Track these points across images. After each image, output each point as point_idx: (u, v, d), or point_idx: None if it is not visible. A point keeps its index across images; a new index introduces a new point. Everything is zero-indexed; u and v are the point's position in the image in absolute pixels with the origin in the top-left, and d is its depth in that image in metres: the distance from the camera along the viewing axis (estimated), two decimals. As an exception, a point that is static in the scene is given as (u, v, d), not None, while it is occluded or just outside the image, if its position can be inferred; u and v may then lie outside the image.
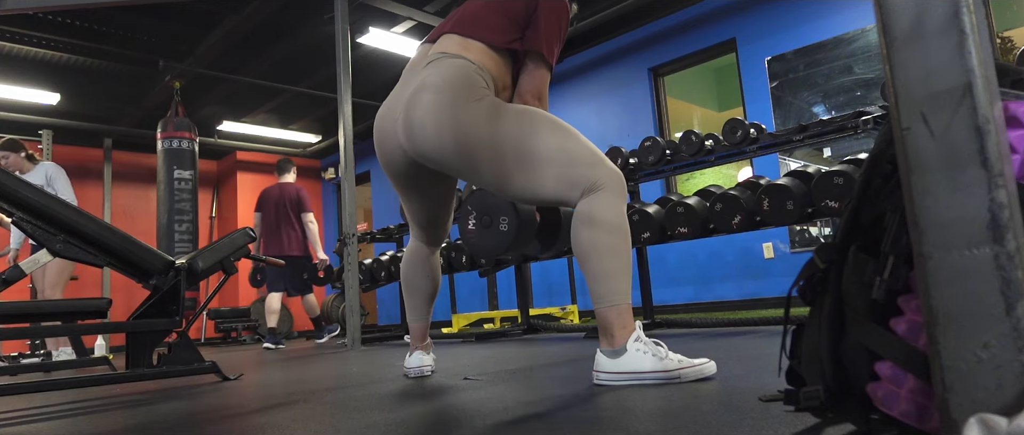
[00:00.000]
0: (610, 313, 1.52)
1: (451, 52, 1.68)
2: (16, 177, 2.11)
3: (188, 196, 6.88)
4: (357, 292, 4.62)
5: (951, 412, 0.58)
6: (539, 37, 1.71)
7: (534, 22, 1.72)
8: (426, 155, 1.63)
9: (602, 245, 1.53)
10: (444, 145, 1.57)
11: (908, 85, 0.62)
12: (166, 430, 1.36)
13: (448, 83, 1.60)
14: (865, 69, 4.93)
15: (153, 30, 6.05)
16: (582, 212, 1.55)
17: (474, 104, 1.58)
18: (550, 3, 1.73)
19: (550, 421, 1.12)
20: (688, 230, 3.12)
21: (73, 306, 2.53)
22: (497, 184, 1.61)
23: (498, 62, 1.71)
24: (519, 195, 1.61)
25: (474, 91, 1.60)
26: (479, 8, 1.76)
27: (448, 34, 1.74)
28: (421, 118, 1.59)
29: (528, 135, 1.56)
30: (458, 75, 1.61)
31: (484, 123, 1.56)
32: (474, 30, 1.71)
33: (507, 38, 1.71)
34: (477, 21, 1.73)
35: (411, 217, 1.94)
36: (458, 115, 1.56)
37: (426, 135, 1.59)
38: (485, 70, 1.66)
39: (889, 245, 0.74)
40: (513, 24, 1.72)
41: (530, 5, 1.73)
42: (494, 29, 1.70)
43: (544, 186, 1.56)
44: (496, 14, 1.72)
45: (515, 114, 1.60)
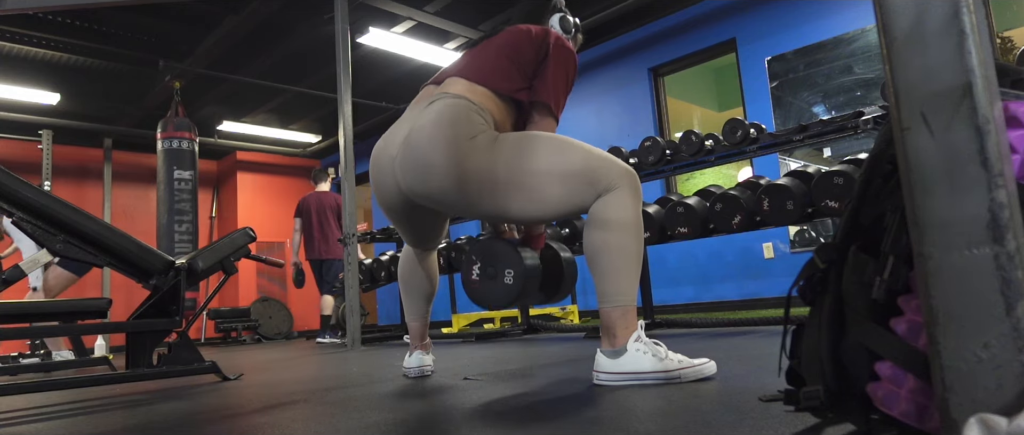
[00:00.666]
0: (614, 313, 1.52)
1: (453, 92, 1.67)
2: (16, 177, 2.11)
3: (188, 196, 6.88)
4: (357, 292, 4.62)
5: (951, 412, 0.58)
6: (547, 88, 1.70)
7: (542, 72, 1.71)
8: (423, 195, 1.62)
9: (612, 244, 1.52)
10: (444, 187, 1.56)
11: (908, 85, 0.62)
12: (166, 430, 1.36)
13: (445, 124, 1.57)
14: (865, 69, 4.93)
15: (153, 30, 6.04)
16: (595, 214, 1.54)
17: (471, 141, 1.55)
18: (560, 54, 1.72)
19: (550, 421, 1.12)
20: (688, 230, 3.12)
21: (73, 306, 2.53)
22: (500, 213, 1.59)
23: (501, 107, 1.69)
24: (525, 217, 1.59)
25: (471, 128, 1.57)
26: (489, 54, 1.75)
27: (454, 78, 1.73)
28: (418, 163, 1.57)
29: (529, 156, 1.55)
30: (455, 114, 1.59)
31: (482, 157, 1.54)
32: (480, 75, 1.70)
33: (514, 86, 1.69)
34: (485, 67, 1.71)
35: (404, 238, 1.95)
36: (455, 156, 1.54)
37: (424, 177, 1.57)
38: (486, 111, 1.64)
39: (889, 245, 0.74)
40: (521, 73, 1.71)
41: (539, 55, 1.72)
42: (501, 76, 1.69)
43: (552, 202, 1.54)
44: (505, 61, 1.71)
45: (513, 140, 1.58)
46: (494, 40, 1.80)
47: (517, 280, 1.72)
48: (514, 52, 1.72)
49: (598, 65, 6.73)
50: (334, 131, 8.37)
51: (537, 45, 1.73)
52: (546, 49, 1.73)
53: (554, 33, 1.78)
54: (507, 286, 1.73)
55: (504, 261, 1.76)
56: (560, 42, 1.75)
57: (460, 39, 6.44)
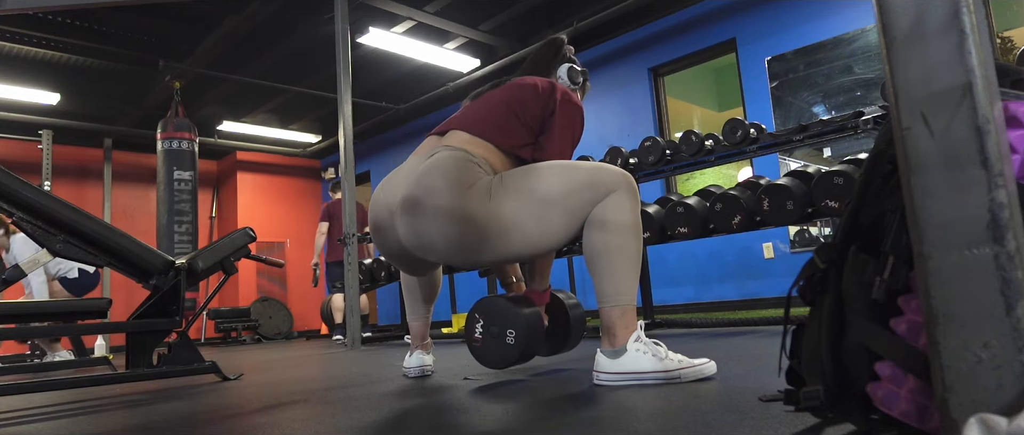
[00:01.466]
0: (614, 313, 1.52)
1: (453, 145, 1.64)
2: (16, 177, 2.11)
3: (188, 196, 6.88)
4: (357, 292, 4.62)
5: (951, 412, 0.58)
6: (553, 146, 1.68)
7: (549, 129, 1.69)
8: (430, 252, 1.59)
9: (611, 246, 1.52)
10: (447, 239, 1.52)
11: (908, 85, 0.62)
12: (166, 430, 1.36)
13: (442, 176, 1.54)
14: (865, 69, 4.93)
15: (153, 30, 6.05)
16: (594, 217, 1.54)
17: (470, 190, 1.52)
18: (566, 109, 1.71)
19: (550, 421, 1.12)
20: (688, 230, 3.12)
21: (73, 306, 2.53)
22: (506, 255, 1.57)
23: (503, 161, 1.67)
24: (532, 252, 1.57)
25: (469, 177, 1.54)
26: (494, 107, 1.72)
27: (456, 130, 1.71)
28: (420, 218, 1.54)
29: (534, 183, 1.53)
30: (453, 166, 1.56)
31: (482, 202, 1.51)
32: (483, 130, 1.67)
33: (517, 142, 1.68)
34: (488, 121, 1.69)
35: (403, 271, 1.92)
36: (455, 205, 1.50)
37: (428, 236, 1.54)
38: (486, 163, 1.62)
39: (889, 245, 0.74)
40: (526, 129, 1.69)
41: (546, 111, 1.70)
42: (504, 132, 1.67)
43: (556, 228, 1.53)
44: (509, 116, 1.69)
45: (509, 179, 1.56)
46: (499, 93, 1.77)
47: (519, 339, 1.73)
48: (520, 108, 1.70)
49: (598, 65, 6.73)
50: (334, 131, 8.37)
51: (543, 101, 1.70)
52: (553, 106, 1.70)
53: (561, 88, 1.74)
54: (509, 346, 1.74)
55: (507, 320, 1.75)
56: (566, 98, 1.72)
57: (460, 39, 6.44)
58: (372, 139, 9.19)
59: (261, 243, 9.14)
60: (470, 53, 6.70)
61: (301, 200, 10.06)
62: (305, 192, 10.15)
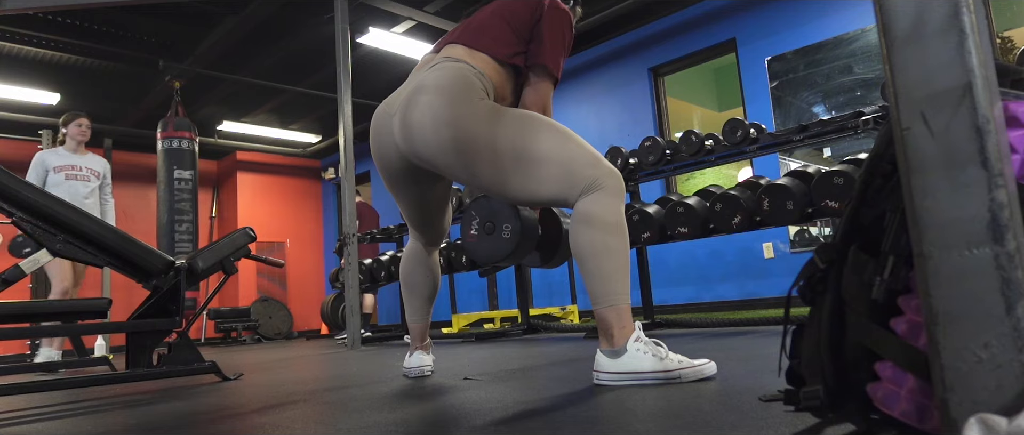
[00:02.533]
0: (609, 313, 1.52)
1: (453, 57, 1.69)
2: (16, 177, 2.11)
3: (188, 196, 6.88)
4: (357, 292, 4.62)
5: (951, 412, 0.58)
6: (543, 50, 1.71)
7: (538, 35, 1.72)
8: (422, 156, 1.62)
9: (600, 246, 1.53)
10: (441, 145, 1.57)
11: (908, 85, 0.62)
12: (166, 430, 1.36)
13: (447, 84, 1.59)
14: (865, 69, 4.93)
15: (153, 30, 6.04)
16: (580, 212, 1.55)
17: (472, 105, 1.57)
18: (554, 15, 1.73)
19: (550, 421, 1.12)
20: (688, 230, 3.12)
21: (73, 306, 2.53)
22: (494, 186, 1.60)
23: (501, 73, 1.71)
24: (517, 196, 1.60)
25: (473, 93, 1.60)
26: (485, 18, 1.77)
27: (453, 44, 1.75)
28: (419, 119, 1.59)
29: (527, 136, 1.56)
30: (457, 77, 1.61)
31: (483, 124, 1.56)
32: (479, 41, 1.71)
33: (511, 51, 1.71)
34: (483, 31, 1.73)
35: (407, 218, 1.94)
36: (456, 115, 1.56)
37: (424, 136, 1.58)
38: (486, 77, 1.67)
39: (889, 245, 0.74)
40: (517, 36, 1.72)
41: (534, 16, 1.73)
42: (498, 41, 1.71)
43: (542, 186, 1.56)
44: (501, 25, 1.73)
45: (513, 117, 1.60)
46: (490, 5, 1.82)
47: (514, 234, 1.73)
48: (510, 15, 1.74)
49: (598, 65, 6.73)
50: (334, 131, 8.37)
51: (532, 7, 1.74)
52: (540, 11, 1.74)
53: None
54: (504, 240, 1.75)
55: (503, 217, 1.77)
56: (554, 4, 1.76)
57: (460, 39, 6.43)
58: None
59: (261, 243, 9.14)
60: (470, 53, 6.70)
61: (301, 200, 10.06)
62: (305, 192, 10.15)
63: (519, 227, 1.74)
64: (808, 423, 0.89)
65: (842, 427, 0.84)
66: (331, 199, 10.12)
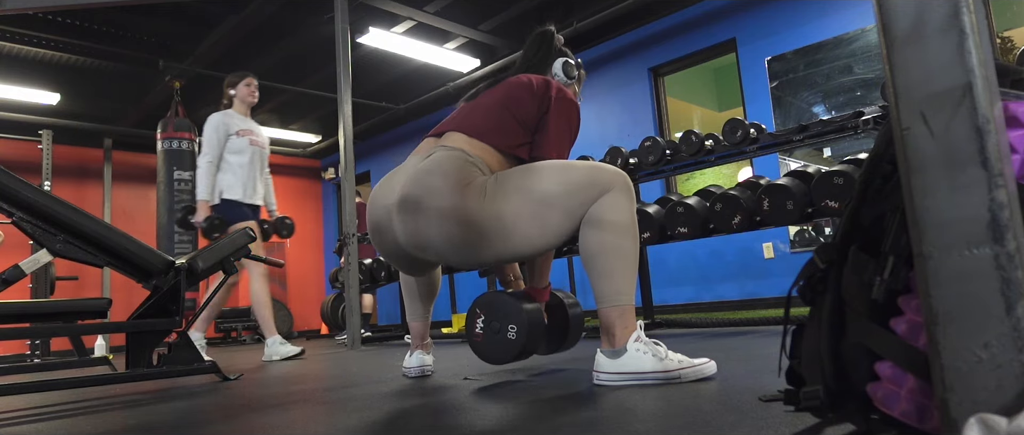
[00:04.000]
0: (612, 313, 1.52)
1: (450, 146, 1.65)
2: (16, 177, 2.11)
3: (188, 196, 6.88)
4: (357, 292, 4.62)
5: (951, 412, 0.58)
6: (549, 143, 1.69)
7: (544, 127, 1.70)
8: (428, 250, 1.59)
9: (607, 245, 1.53)
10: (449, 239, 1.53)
11: (908, 85, 0.62)
12: (166, 430, 1.36)
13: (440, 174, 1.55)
14: (865, 69, 4.93)
15: (153, 30, 6.04)
16: (591, 215, 1.54)
17: (467, 188, 1.53)
18: (561, 108, 1.71)
19: (550, 421, 1.12)
20: (688, 230, 3.12)
21: (73, 306, 2.53)
22: (506, 254, 1.57)
23: (501, 162, 1.68)
24: (532, 251, 1.57)
25: (466, 176, 1.55)
26: (490, 108, 1.73)
27: (454, 132, 1.71)
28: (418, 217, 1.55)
29: (528, 192, 1.54)
30: (450, 165, 1.57)
31: (480, 201, 1.52)
32: (479, 131, 1.68)
33: (514, 142, 1.68)
34: (485, 122, 1.69)
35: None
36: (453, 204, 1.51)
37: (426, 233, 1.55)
38: (483, 163, 1.62)
39: (889, 245, 0.74)
40: (523, 128, 1.69)
41: (541, 108, 1.71)
42: (501, 132, 1.67)
43: (554, 228, 1.54)
44: (506, 116, 1.69)
45: (510, 178, 1.57)
46: (494, 93, 1.77)
47: (520, 334, 1.72)
48: (515, 107, 1.70)
49: (598, 65, 6.73)
50: (334, 131, 8.36)
51: (538, 99, 1.71)
52: (548, 103, 1.71)
53: (555, 84, 1.75)
54: (510, 341, 1.74)
55: (508, 315, 1.75)
56: (561, 95, 1.73)
57: (460, 39, 6.43)
58: (372, 139, 9.19)
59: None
60: (470, 53, 6.70)
61: (301, 200, 10.06)
62: (305, 192, 10.15)
63: (525, 327, 1.73)
64: (808, 423, 0.89)
65: (842, 427, 0.84)
66: (331, 199, 10.11)
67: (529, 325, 1.73)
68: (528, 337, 1.73)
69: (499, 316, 1.76)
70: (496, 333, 1.76)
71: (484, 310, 1.80)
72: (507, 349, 1.75)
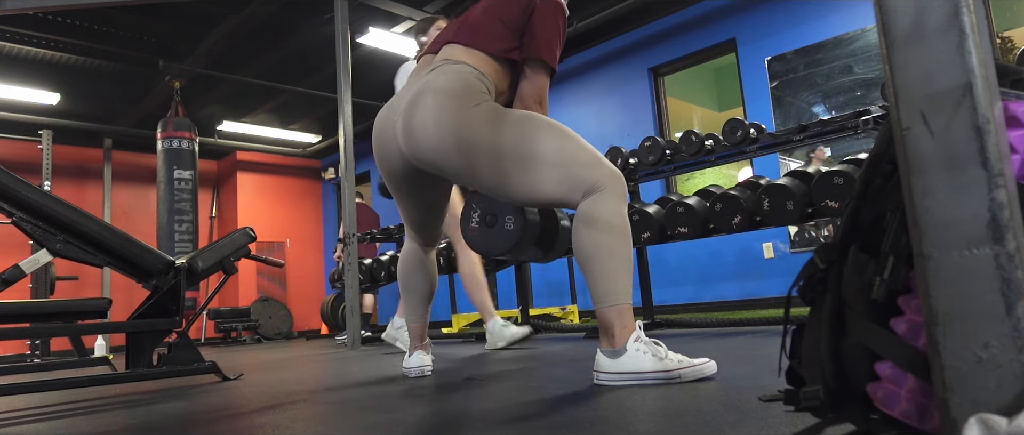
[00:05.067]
0: (610, 313, 1.52)
1: (453, 58, 1.69)
2: (16, 177, 2.11)
3: (188, 196, 6.88)
4: (357, 292, 4.62)
5: (951, 412, 0.58)
6: (537, 43, 1.72)
7: (530, 28, 1.73)
8: (425, 159, 1.63)
9: (602, 246, 1.53)
10: (444, 148, 1.57)
11: (908, 85, 0.62)
12: (166, 430, 1.36)
13: (449, 88, 1.60)
14: (865, 69, 4.93)
15: (153, 30, 6.04)
16: (583, 213, 1.55)
17: (474, 108, 1.58)
18: (545, 7, 1.73)
19: (550, 421, 1.12)
20: (688, 230, 3.12)
21: (73, 306, 2.53)
22: (497, 187, 1.61)
23: (498, 69, 1.72)
24: (519, 197, 1.61)
25: (474, 96, 1.60)
26: (478, 16, 1.77)
27: (450, 44, 1.75)
28: (421, 122, 1.59)
29: (528, 138, 1.57)
30: (459, 80, 1.62)
31: (484, 126, 1.57)
32: (474, 39, 1.72)
33: (505, 46, 1.71)
34: (477, 29, 1.74)
35: (405, 219, 1.95)
36: (458, 118, 1.56)
37: (427, 139, 1.59)
38: (486, 75, 1.67)
39: (889, 245, 0.74)
40: (510, 31, 1.72)
41: (526, 11, 1.73)
42: (492, 37, 1.71)
43: (544, 188, 1.56)
44: (494, 21, 1.73)
45: (515, 118, 1.61)
46: (482, 2, 1.82)
47: (517, 226, 1.73)
48: (502, 11, 1.74)
49: (598, 65, 6.73)
50: (334, 131, 8.36)
51: (522, 2, 1.74)
52: (532, 5, 1.73)
53: None
54: (507, 232, 1.74)
55: (505, 210, 1.76)
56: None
57: (460, 39, 6.43)
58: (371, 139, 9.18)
59: (261, 243, 9.14)
60: (470, 53, 6.70)
61: (301, 200, 10.06)
62: (305, 192, 10.15)
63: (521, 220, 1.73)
64: (808, 423, 0.89)
65: (842, 427, 0.84)
66: (331, 199, 10.12)
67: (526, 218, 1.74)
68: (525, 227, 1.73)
69: (496, 208, 1.76)
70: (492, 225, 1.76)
71: (480, 204, 1.80)
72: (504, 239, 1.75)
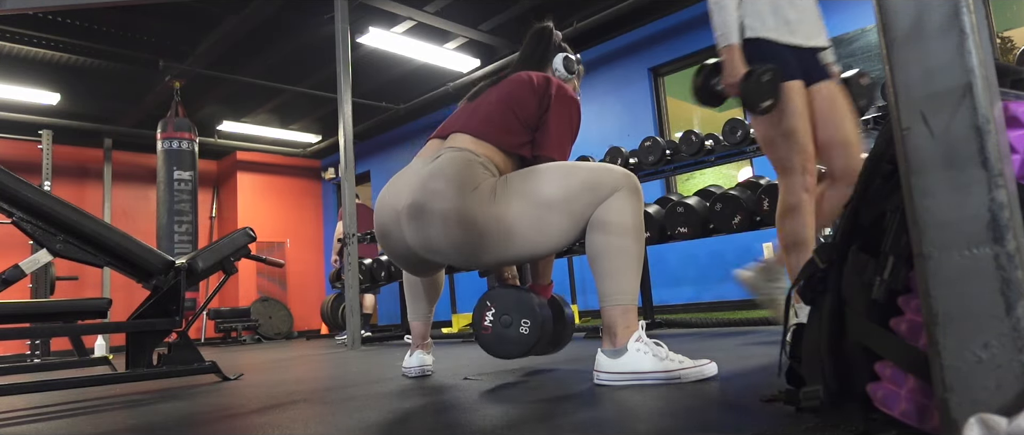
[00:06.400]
0: (615, 311, 1.52)
1: (457, 146, 1.67)
2: (16, 177, 2.11)
3: (188, 196, 6.88)
4: (357, 292, 4.62)
5: (951, 412, 0.58)
6: (549, 142, 1.70)
7: (544, 125, 1.71)
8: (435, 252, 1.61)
9: (613, 246, 1.53)
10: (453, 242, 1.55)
11: (908, 85, 0.62)
12: (166, 430, 1.36)
13: (450, 178, 1.56)
14: (865, 69, 4.93)
15: (153, 30, 6.04)
16: (597, 218, 1.55)
17: (475, 192, 1.55)
18: (561, 105, 1.72)
19: (550, 421, 1.12)
20: (688, 230, 3.12)
21: (73, 306, 2.53)
22: (506, 257, 1.59)
23: (506, 161, 1.69)
24: (532, 254, 1.59)
25: (474, 179, 1.57)
26: (492, 107, 1.74)
27: (459, 133, 1.72)
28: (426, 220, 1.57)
29: (536, 186, 1.55)
30: (459, 167, 1.59)
31: (487, 204, 1.54)
32: (483, 130, 1.69)
33: (517, 142, 1.69)
34: (488, 121, 1.70)
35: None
36: (462, 208, 1.53)
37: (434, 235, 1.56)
38: (491, 163, 1.64)
39: (889, 245, 0.74)
40: (524, 127, 1.70)
41: (541, 107, 1.71)
42: (505, 131, 1.68)
43: (555, 231, 1.55)
44: (508, 115, 1.70)
45: (515, 181, 1.58)
46: (495, 91, 1.78)
47: (534, 330, 1.71)
48: (516, 105, 1.71)
49: (598, 65, 6.73)
50: (334, 131, 8.35)
51: (539, 96, 1.72)
52: (548, 101, 1.71)
53: (555, 82, 1.76)
54: (523, 336, 1.72)
55: (520, 310, 1.74)
56: (562, 92, 1.74)
57: (460, 39, 6.43)
58: (372, 139, 9.18)
59: (261, 243, 9.14)
60: (470, 53, 6.70)
61: (301, 200, 10.06)
62: (305, 192, 10.15)
63: (539, 321, 1.72)
64: (808, 423, 0.89)
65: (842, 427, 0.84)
66: (331, 199, 10.12)
67: (543, 321, 1.72)
68: (541, 333, 1.72)
69: (511, 310, 1.75)
70: (507, 327, 1.75)
71: (495, 303, 1.78)
72: (518, 344, 1.73)
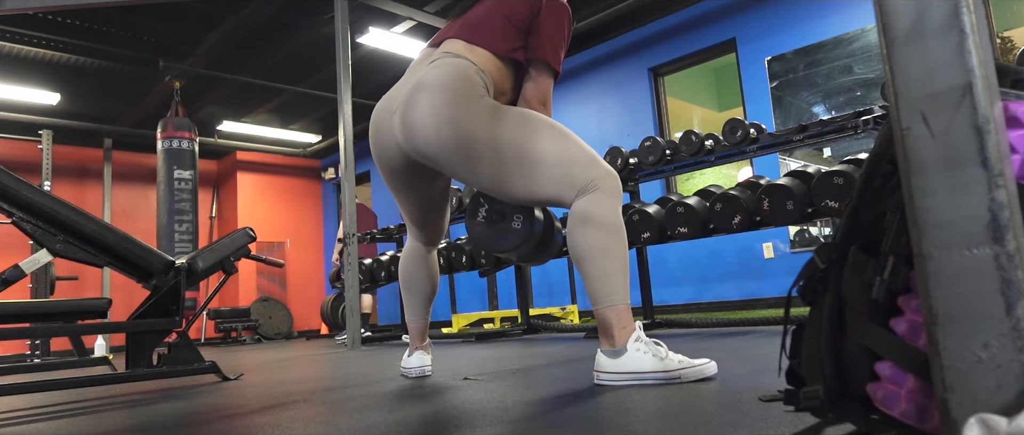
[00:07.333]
0: (609, 313, 1.52)
1: (453, 52, 1.69)
2: (16, 177, 2.11)
3: (188, 196, 6.88)
4: (357, 292, 4.62)
5: (951, 412, 0.58)
6: (542, 44, 1.71)
7: (536, 28, 1.72)
8: (423, 153, 1.63)
9: (598, 246, 1.53)
10: (442, 142, 1.57)
11: (908, 85, 0.62)
12: (166, 430, 1.36)
13: (447, 82, 1.60)
14: (865, 69, 4.93)
15: (153, 30, 6.04)
16: (578, 212, 1.55)
17: (473, 104, 1.58)
18: (552, 8, 1.73)
19: (550, 421, 1.12)
20: (688, 230, 3.12)
21: (73, 306, 2.53)
22: (494, 184, 1.61)
23: (500, 68, 1.71)
24: (516, 195, 1.61)
25: (473, 90, 1.60)
26: (484, 13, 1.76)
27: (453, 39, 1.74)
28: (420, 118, 1.59)
29: (526, 136, 1.57)
30: (457, 74, 1.61)
31: (483, 122, 1.56)
32: (478, 36, 1.71)
33: (510, 46, 1.70)
34: (482, 26, 1.73)
35: (406, 216, 1.94)
36: (457, 113, 1.56)
37: (425, 133, 1.59)
38: (486, 73, 1.66)
39: (889, 245, 0.74)
40: (516, 31, 1.71)
41: (533, 10, 1.73)
42: (498, 36, 1.70)
43: (541, 186, 1.56)
44: (500, 20, 1.72)
45: (513, 116, 1.61)
46: (483, 1, 1.81)
47: (525, 227, 1.70)
48: (508, 10, 1.73)
49: (598, 65, 6.73)
50: (334, 131, 8.37)
51: (530, 2, 1.73)
52: (539, 5, 1.73)
53: None
54: (515, 230, 1.70)
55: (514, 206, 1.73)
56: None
57: (460, 39, 6.43)
58: (372, 139, 9.18)
59: (261, 243, 9.14)
60: (470, 53, 6.70)
61: (301, 200, 10.07)
62: (305, 192, 10.15)
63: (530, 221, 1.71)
64: (808, 423, 0.89)
65: (842, 427, 0.84)
66: (331, 199, 10.12)
67: (535, 218, 1.71)
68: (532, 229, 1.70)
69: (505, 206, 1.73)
70: (499, 222, 1.73)
71: (489, 199, 1.77)
72: (511, 237, 1.71)
